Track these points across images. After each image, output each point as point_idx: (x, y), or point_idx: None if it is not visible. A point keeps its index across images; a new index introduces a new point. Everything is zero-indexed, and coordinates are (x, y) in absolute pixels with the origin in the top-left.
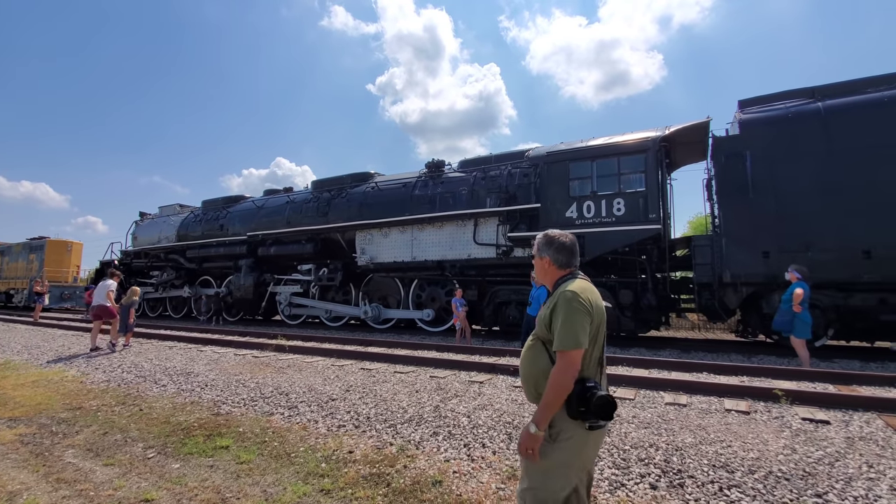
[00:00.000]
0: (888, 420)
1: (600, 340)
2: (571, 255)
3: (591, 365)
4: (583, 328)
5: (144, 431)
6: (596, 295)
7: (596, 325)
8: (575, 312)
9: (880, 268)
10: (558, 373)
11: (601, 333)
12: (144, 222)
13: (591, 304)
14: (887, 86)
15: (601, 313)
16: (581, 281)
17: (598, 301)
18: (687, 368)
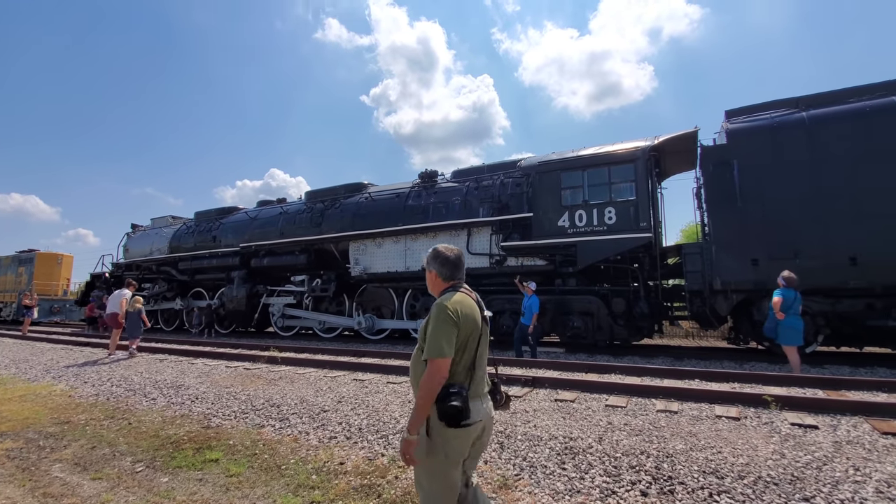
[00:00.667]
0: (875, 424)
1: (472, 348)
2: (454, 268)
3: (460, 371)
4: (447, 338)
5: (133, 445)
6: (469, 307)
7: (465, 335)
8: (442, 323)
9: (866, 274)
10: (424, 380)
11: (472, 342)
12: (136, 234)
13: (459, 315)
14: (869, 96)
15: (472, 324)
16: (459, 294)
17: (469, 312)
18: (679, 376)
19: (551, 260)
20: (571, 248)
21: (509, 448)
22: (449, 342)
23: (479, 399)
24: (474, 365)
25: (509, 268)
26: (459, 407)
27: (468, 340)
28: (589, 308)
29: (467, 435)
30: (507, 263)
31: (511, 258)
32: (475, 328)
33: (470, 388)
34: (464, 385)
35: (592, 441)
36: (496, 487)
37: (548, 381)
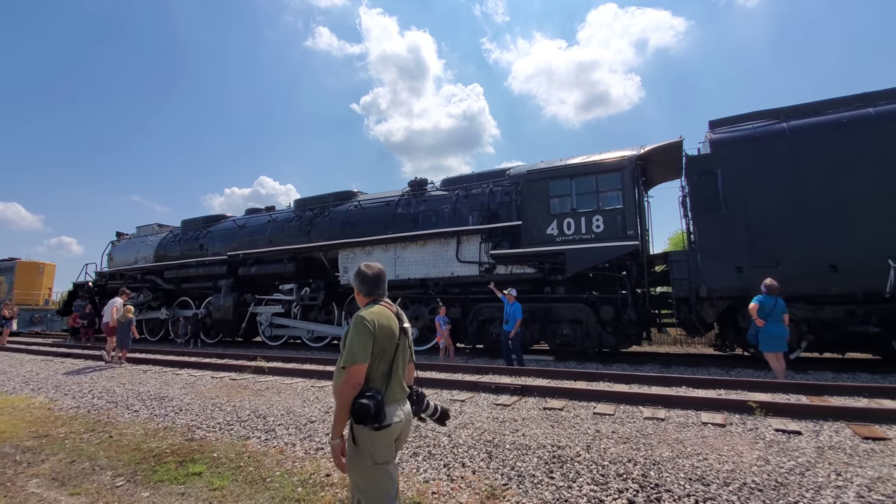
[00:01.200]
0: (856, 429)
1: (388, 357)
2: (372, 285)
3: (377, 378)
4: (362, 347)
5: (114, 459)
6: (386, 318)
7: (381, 344)
8: (357, 333)
9: (846, 281)
10: (340, 386)
11: (389, 351)
12: (121, 242)
13: (375, 325)
14: (846, 107)
15: (388, 334)
16: (378, 307)
17: (386, 323)
18: (666, 383)
19: (540, 268)
20: (560, 256)
21: (497, 457)
22: (364, 350)
23: (395, 403)
24: (391, 372)
25: (498, 276)
26: (367, 405)
27: (385, 349)
28: (578, 316)
29: (388, 436)
30: (496, 271)
31: (500, 266)
32: (392, 338)
33: (386, 393)
34: (379, 390)
35: (580, 449)
36: (484, 497)
37: (536, 390)
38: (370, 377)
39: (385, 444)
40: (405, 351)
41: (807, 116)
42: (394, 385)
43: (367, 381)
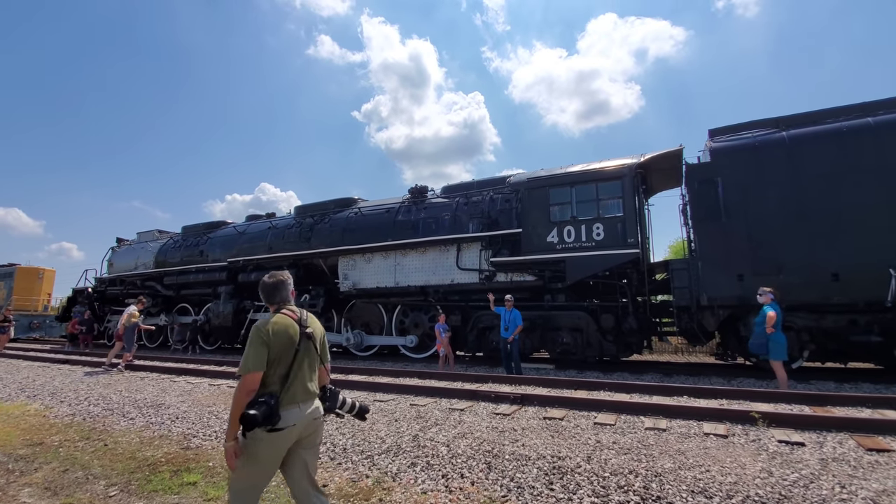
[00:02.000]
0: (860, 440)
1: (285, 362)
2: (269, 294)
3: (274, 382)
4: (255, 355)
5: (108, 468)
6: (283, 326)
7: (277, 351)
8: (251, 343)
9: (848, 290)
10: (235, 392)
11: (286, 356)
12: (121, 248)
13: (269, 334)
14: (845, 116)
15: (284, 340)
16: (277, 315)
17: (282, 330)
18: (668, 392)
19: (540, 275)
20: (560, 264)
21: (496, 468)
22: (256, 359)
23: (295, 406)
24: (288, 376)
25: (498, 283)
26: (253, 416)
27: (281, 356)
28: (578, 324)
29: (279, 439)
30: (496, 279)
31: (500, 274)
32: (289, 345)
33: (284, 396)
34: (274, 394)
35: (581, 460)
36: None
37: (537, 399)
38: (267, 382)
39: (277, 444)
40: (310, 354)
41: (806, 126)
42: (295, 388)
43: (263, 385)
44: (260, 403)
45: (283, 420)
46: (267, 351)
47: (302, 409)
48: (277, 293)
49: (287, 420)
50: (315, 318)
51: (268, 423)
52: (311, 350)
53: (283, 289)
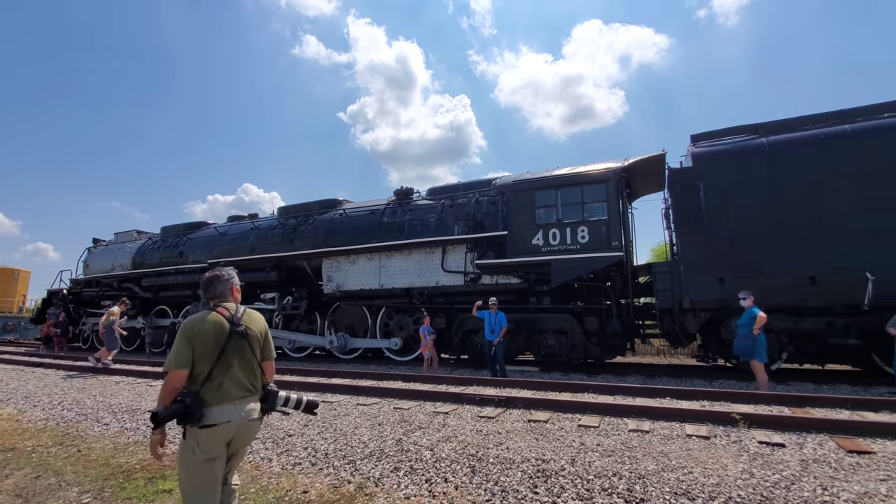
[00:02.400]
0: (840, 442)
1: (210, 360)
2: (204, 289)
3: (198, 381)
4: (178, 354)
5: (81, 475)
6: (210, 323)
7: (201, 350)
8: (176, 341)
9: (825, 293)
10: (160, 389)
11: (211, 354)
12: (98, 249)
13: (194, 332)
14: (823, 124)
15: (208, 338)
16: (206, 311)
17: (208, 328)
18: (650, 394)
19: (525, 278)
20: (545, 267)
21: (481, 472)
22: (178, 357)
23: (228, 404)
24: (212, 374)
25: (484, 286)
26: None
27: (206, 353)
28: (563, 326)
29: (215, 434)
30: (481, 281)
31: (486, 276)
32: (214, 342)
33: (212, 394)
34: (195, 392)
35: (565, 463)
36: None
37: (521, 401)
38: (193, 380)
39: (208, 441)
40: (242, 352)
41: (785, 132)
42: (226, 386)
43: (191, 382)
44: (177, 402)
45: (213, 417)
46: (191, 348)
47: (238, 406)
48: (212, 289)
49: (218, 417)
50: (256, 316)
51: (187, 421)
52: (243, 348)
53: (218, 285)
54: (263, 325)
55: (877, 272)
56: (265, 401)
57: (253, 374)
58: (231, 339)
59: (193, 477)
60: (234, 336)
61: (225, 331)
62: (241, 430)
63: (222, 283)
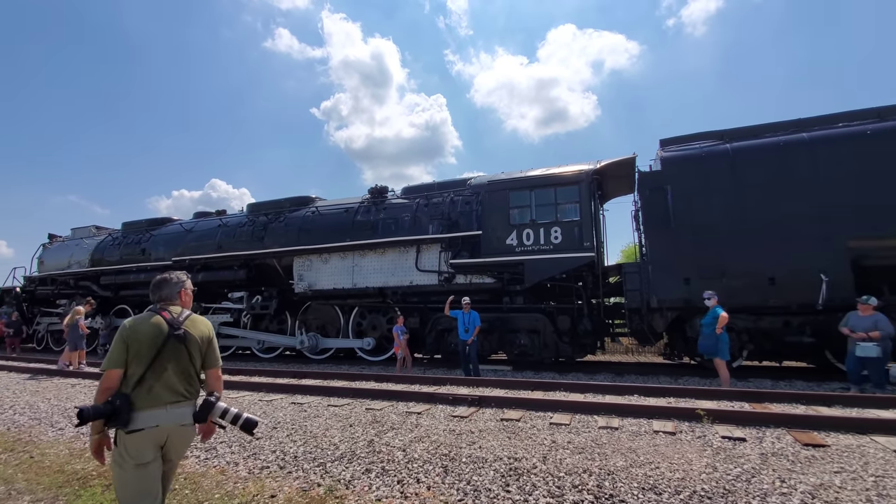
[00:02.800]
0: (796, 436)
1: (143, 363)
2: (151, 291)
3: (129, 384)
4: (113, 353)
5: (33, 482)
6: (148, 325)
7: (134, 351)
8: (114, 342)
9: (783, 293)
10: (97, 389)
11: (145, 357)
12: (53, 245)
13: (130, 333)
14: (783, 132)
15: (143, 341)
16: (147, 314)
17: (144, 330)
18: (619, 392)
19: (499, 278)
20: (519, 267)
21: (453, 472)
22: (112, 357)
23: (158, 408)
24: (145, 377)
25: (458, 285)
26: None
27: (140, 355)
28: (535, 326)
29: (143, 439)
30: (455, 281)
31: (460, 276)
32: (149, 344)
33: (142, 398)
34: (126, 395)
35: (537, 461)
36: None
37: (494, 400)
38: (126, 382)
39: (136, 446)
40: (179, 357)
41: (748, 139)
42: (157, 390)
43: (125, 384)
44: (106, 402)
45: (141, 421)
46: (126, 349)
47: (169, 411)
48: (158, 291)
49: (146, 421)
50: (201, 322)
51: (113, 422)
52: (180, 353)
53: (164, 287)
54: (208, 331)
55: (830, 274)
56: (199, 409)
57: (189, 381)
58: (168, 343)
59: (127, 485)
60: (172, 340)
61: (162, 334)
62: (172, 437)
63: (169, 286)
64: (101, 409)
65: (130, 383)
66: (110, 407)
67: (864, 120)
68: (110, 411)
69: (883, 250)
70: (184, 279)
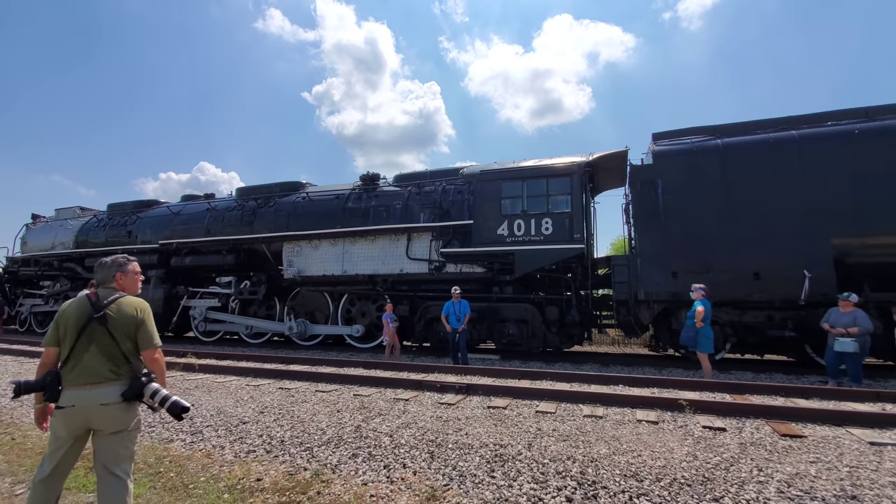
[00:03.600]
0: (775, 426)
1: (68, 343)
2: (94, 273)
3: (61, 360)
4: (49, 333)
5: (15, 464)
6: (75, 306)
7: (62, 331)
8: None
9: (767, 288)
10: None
11: (69, 337)
12: (37, 226)
13: (61, 313)
14: (773, 129)
15: (68, 321)
16: (81, 295)
17: (71, 310)
18: (605, 381)
19: (489, 267)
20: (509, 257)
21: (439, 457)
22: (47, 336)
23: (80, 388)
24: (70, 356)
25: (448, 274)
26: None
27: (66, 335)
28: (524, 316)
29: (63, 417)
30: (445, 270)
31: (450, 265)
32: (72, 325)
33: (66, 376)
34: (55, 372)
35: (522, 448)
36: (424, 499)
37: (481, 388)
38: (60, 360)
39: (57, 423)
40: (100, 338)
41: (739, 135)
42: (78, 371)
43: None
44: (40, 378)
45: (64, 399)
46: (57, 328)
47: (88, 392)
48: (98, 273)
49: (66, 400)
50: (131, 304)
51: (47, 398)
52: (102, 334)
53: (100, 270)
54: (137, 314)
55: (813, 270)
56: (128, 388)
57: (115, 362)
58: (89, 325)
59: (49, 447)
60: (93, 322)
61: (84, 315)
62: (93, 417)
63: (104, 269)
64: (33, 384)
65: (61, 362)
66: (41, 382)
67: (853, 119)
68: (41, 386)
69: (865, 248)
70: (122, 262)
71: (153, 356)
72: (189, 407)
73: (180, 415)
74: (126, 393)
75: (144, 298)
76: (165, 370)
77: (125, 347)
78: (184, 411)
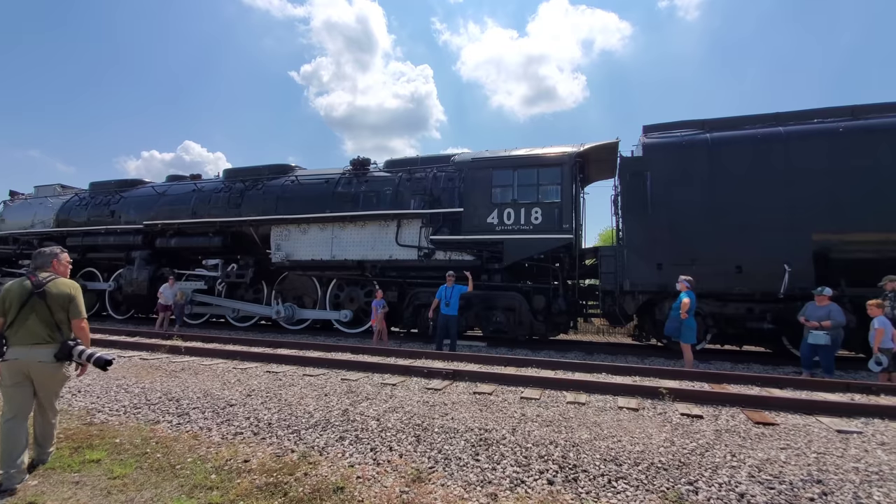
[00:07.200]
0: (749, 414)
1: (11, 314)
2: (31, 260)
3: (6, 326)
4: None
5: None
6: (16, 286)
7: (7, 305)
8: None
9: (748, 281)
10: None
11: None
12: (15, 203)
13: (5, 291)
14: (761, 124)
15: (10, 297)
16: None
17: (13, 289)
18: (588, 369)
19: (479, 255)
20: (499, 245)
21: (425, 441)
22: None
23: (23, 347)
24: (14, 323)
25: (437, 261)
26: None
27: (10, 308)
28: (512, 304)
29: (10, 367)
30: (435, 257)
31: (440, 252)
32: (16, 300)
33: (11, 338)
34: (4, 335)
35: (506, 432)
36: (409, 480)
37: (468, 374)
38: (5, 325)
39: (6, 372)
40: (39, 309)
41: (727, 129)
42: (21, 334)
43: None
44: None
45: (10, 354)
46: (3, 303)
47: (30, 350)
48: (34, 261)
49: (11, 355)
50: (64, 285)
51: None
52: (41, 306)
53: (38, 258)
54: (70, 291)
55: (793, 264)
56: (59, 350)
57: (51, 328)
58: (31, 299)
59: (4, 398)
60: (34, 297)
61: (26, 292)
62: (33, 369)
63: (42, 258)
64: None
65: (6, 327)
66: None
67: (839, 117)
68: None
69: (843, 244)
70: (57, 252)
71: (80, 325)
72: (112, 360)
73: (105, 367)
74: (58, 354)
75: (129, 279)
76: (90, 336)
77: (58, 317)
78: (108, 364)
